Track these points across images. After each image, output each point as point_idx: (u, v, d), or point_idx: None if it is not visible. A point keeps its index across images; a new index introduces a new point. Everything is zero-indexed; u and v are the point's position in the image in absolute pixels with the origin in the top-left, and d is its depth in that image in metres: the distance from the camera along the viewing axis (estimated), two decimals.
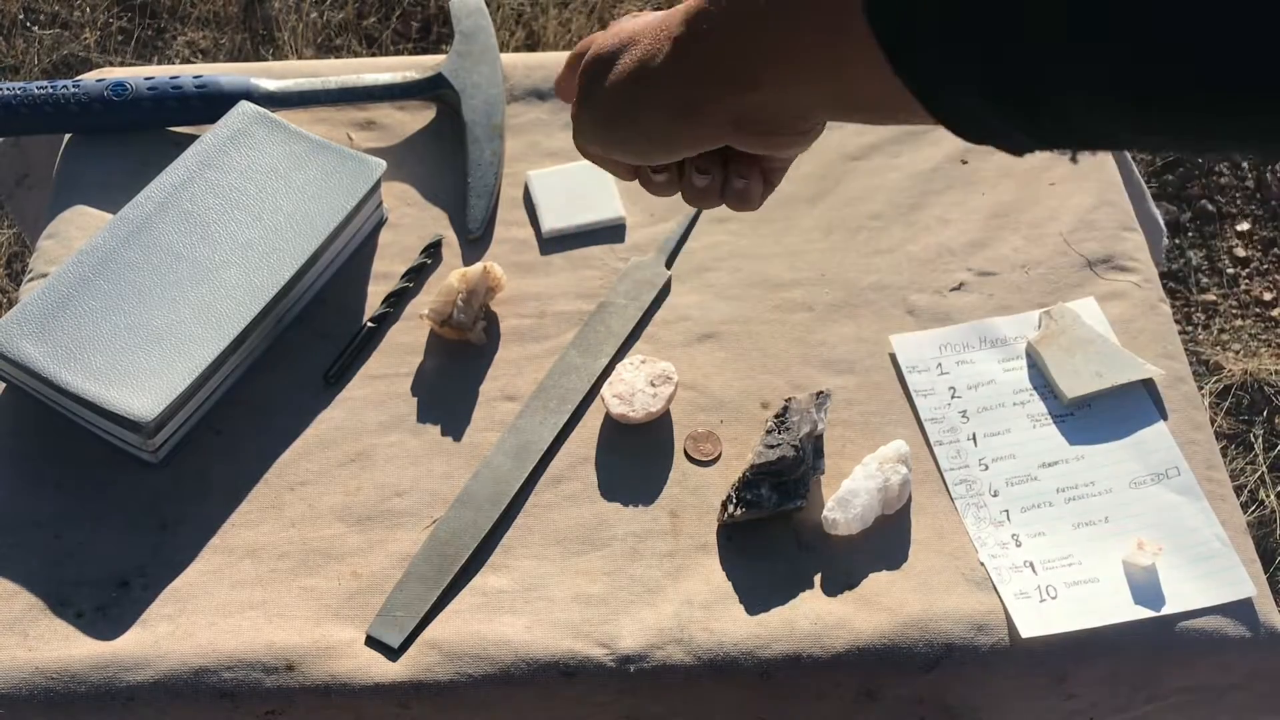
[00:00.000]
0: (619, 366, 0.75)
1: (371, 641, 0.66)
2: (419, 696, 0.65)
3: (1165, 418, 0.75)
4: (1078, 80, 0.31)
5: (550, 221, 0.85)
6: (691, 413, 0.76)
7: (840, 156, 0.89)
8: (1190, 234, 1.72)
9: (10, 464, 0.72)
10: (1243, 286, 1.67)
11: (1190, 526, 0.70)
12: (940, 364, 0.78)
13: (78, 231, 0.83)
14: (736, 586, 0.68)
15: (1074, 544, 0.70)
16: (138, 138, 0.87)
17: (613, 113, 0.48)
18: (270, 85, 0.88)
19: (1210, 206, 1.74)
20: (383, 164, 0.82)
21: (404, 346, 0.79)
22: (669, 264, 0.83)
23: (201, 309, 0.74)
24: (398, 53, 1.84)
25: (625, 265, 0.83)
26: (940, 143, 0.90)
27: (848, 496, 0.69)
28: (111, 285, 0.75)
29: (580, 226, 0.85)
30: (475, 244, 0.84)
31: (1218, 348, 1.60)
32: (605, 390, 0.74)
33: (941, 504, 0.72)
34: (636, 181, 0.53)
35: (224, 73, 0.89)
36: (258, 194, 0.80)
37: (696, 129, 0.45)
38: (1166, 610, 0.67)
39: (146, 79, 0.87)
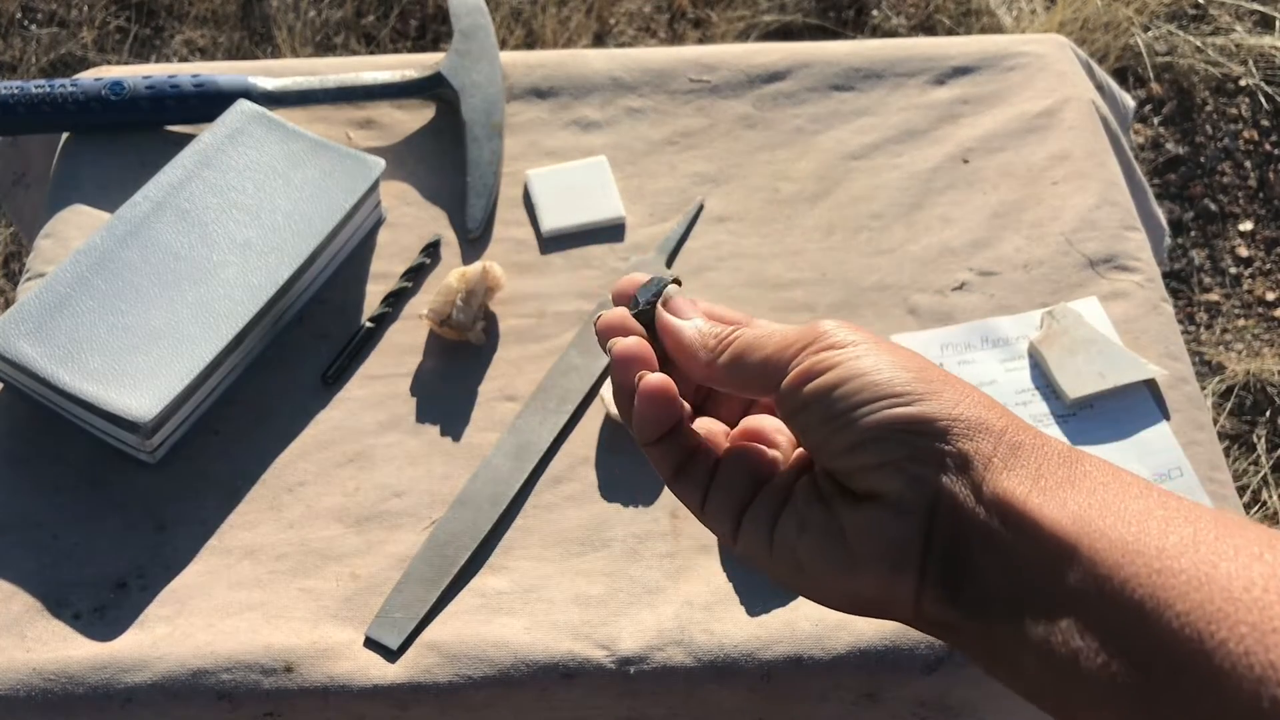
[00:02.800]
0: None
1: (370, 643, 0.66)
2: (418, 698, 0.64)
3: (1168, 418, 0.75)
4: None
5: (550, 221, 0.84)
6: None
7: (840, 156, 0.89)
8: (1193, 233, 1.71)
9: (7, 464, 0.72)
10: (1245, 286, 1.67)
11: None
12: (942, 364, 0.77)
13: (75, 231, 0.82)
14: (737, 588, 0.68)
15: None
16: (135, 137, 0.87)
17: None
18: (268, 84, 0.87)
19: (1213, 206, 1.74)
20: (381, 163, 0.82)
21: (403, 346, 0.78)
22: (669, 264, 0.83)
23: (199, 309, 0.74)
24: (396, 51, 1.83)
25: (625, 265, 0.82)
26: (941, 142, 0.89)
27: None
28: (109, 285, 0.74)
29: (580, 226, 0.84)
30: (474, 244, 0.84)
31: (1220, 348, 1.60)
32: (605, 390, 0.74)
33: None
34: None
35: (222, 71, 0.89)
36: (256, 193, 0.79)
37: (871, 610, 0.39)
38: None
39: (144, 78, 0.86)
